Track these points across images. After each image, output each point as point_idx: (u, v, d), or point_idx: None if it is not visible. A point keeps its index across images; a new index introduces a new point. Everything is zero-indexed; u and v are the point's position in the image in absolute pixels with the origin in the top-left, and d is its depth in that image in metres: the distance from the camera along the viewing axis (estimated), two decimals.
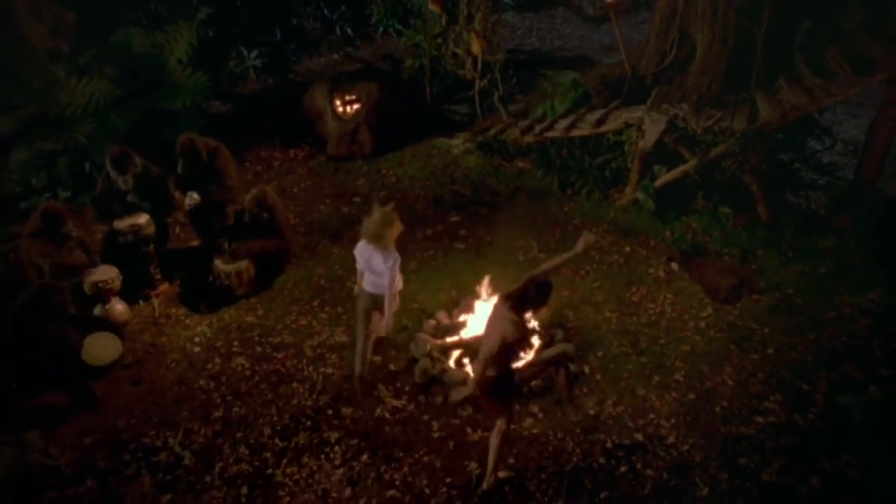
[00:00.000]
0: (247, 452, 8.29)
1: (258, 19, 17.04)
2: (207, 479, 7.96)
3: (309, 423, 8.69)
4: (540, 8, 20.57)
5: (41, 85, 12.43)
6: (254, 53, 16.55)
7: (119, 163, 10.25)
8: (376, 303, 8.78)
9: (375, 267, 8.54)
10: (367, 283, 8.75)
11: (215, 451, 8.30)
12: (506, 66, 15.57)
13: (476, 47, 14.91)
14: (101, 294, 9.79)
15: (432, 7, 15.54)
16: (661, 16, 14.39)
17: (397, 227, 8.56)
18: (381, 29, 18.39)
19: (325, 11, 18.14)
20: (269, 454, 8.27)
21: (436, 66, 15.71)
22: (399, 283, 8.90)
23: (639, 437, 8.55)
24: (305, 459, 8.20)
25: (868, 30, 12.06)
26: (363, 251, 8.62)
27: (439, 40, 15.70)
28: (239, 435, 8.50)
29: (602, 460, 8.25)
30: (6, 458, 7.70)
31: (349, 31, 18.27)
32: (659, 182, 12.46)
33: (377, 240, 8.41)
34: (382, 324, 8.85)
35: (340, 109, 14.61)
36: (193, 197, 10.71)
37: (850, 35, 12.32)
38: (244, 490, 7.84)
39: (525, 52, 18.71)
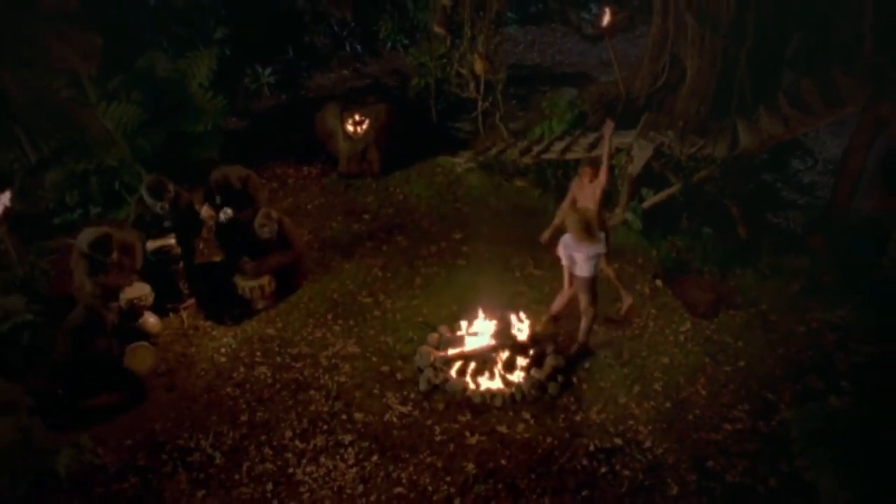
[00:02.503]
0: (270, 453, 9.46)
1: (271, 38, 18.09)
2: (236, 476, 9.13)
3: (325, 426, 9.87)
4: (542, 22, 21.30)
5: (74, 111, 13.51)
6: (268, 71, 17.68)
7: (155, 191, 11.45)
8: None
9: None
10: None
11: (242, 452, 9.49)
12: (508, 81, 16.48)
13: (479, 68, 15.83)
14: (136, 309, 11.00)
15: (437, 29, 16.59)
16: (654, 41, 15.40)
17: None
18: (389, 44, 19.43)
19: (335, 28, 19.18)
20: (290, 455, 9.45)
21: (440, 85, 16.63)
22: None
23: (618, 441, 9.69)
24: (322, 460, 9.37)
25: (841, 64, 13.16)
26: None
27: (444, 60, 16.58)
28: (263, 437, 9.67)
29: (585, 462, 9.38)
30: (65, 458, 8.93)
31: (358, 47, 19.27)
32: (646, 204, 13.49)
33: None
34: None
35: (350, 129, 15.52)
36: (227, 212, 11.90)
37: (825, 69, 13.42)
38: (269, 486, 9.00)
39: (527, 67, 19.56)
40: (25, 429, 8.47)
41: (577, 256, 10.14)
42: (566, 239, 10.14)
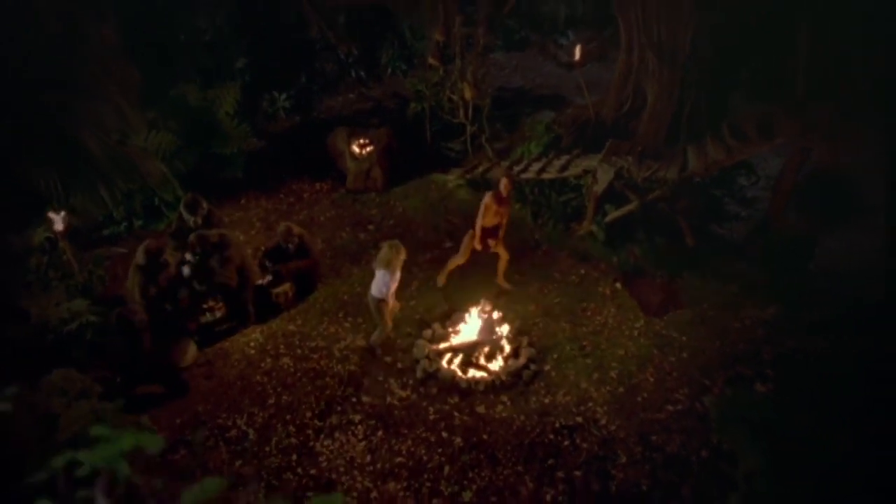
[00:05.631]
0: (294, 430, 10.74)
1: (286, 66, 19.18)
2: (266, 449, 10.42)
3: (339, 407, 11.13)
4: (525, 48, 22.18)
5: (139, 160, 14.70)
6: (283, 95, 18.84)
7: (191, 207, 12.78)
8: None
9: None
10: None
11: (271, 428, 10.77)
12: (493, 103, 17.56)
13: (468, 94, 16.92)
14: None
15: (432, 61, 17.85)
16: (619, 73, 16.58)
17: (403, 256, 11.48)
18: (389, 70, 20.51)
19: (342, 56, 20.24)
20: (310, 431, 10.73)
21: (434, 109, 17.63)
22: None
23: (579, 419, 10.94)
24: (337, 435, 10.63)
25: (783, 96, 14.27)
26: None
27: (437, 88, 17.62)
28: (287, 417, 10.95)
29: (552, 436, 10.64)
30: None
31: (362, 73, 20.27)
32: (609, 218, 14.57)
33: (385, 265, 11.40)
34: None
35: (357, 151, 16.63)
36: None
37: (770, 99, 14.56)
38: (293, 457, 10.30)
39: (511, 90, 20.46)
40: (99, 411, 9.62)
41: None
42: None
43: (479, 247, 12.92)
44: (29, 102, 12.94)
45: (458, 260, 13.11)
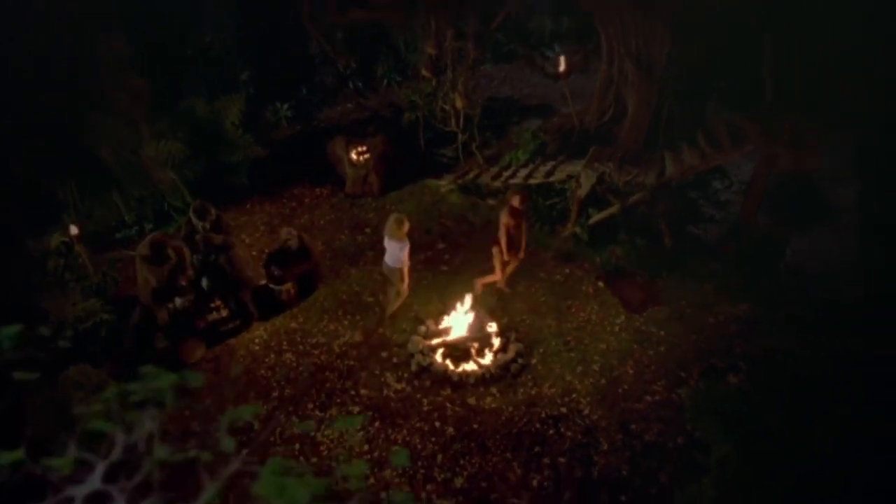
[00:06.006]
0: (297, 421, 10.91)
1: (288, 78, 19.29)
2: (272, 439, 10.53)
3: (338, 400, 11.27)
4: (514, 59, 22.17)
5: (151, 169, 14.78)
6: (285, 106, 18.95)
7: (200, 213, 12.87)
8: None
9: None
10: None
11: (275, 420, 10.94)
12: (483, 112, 17.64)
13: (459, 104, 17.02)
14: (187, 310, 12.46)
15: (425, 73, 17.94)
16: (601, 83, 16.73)
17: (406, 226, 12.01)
18: (385, 81, 20.63)
19: (340, 68, 20.35)
20: (311, 422, 10.90)
21: (428, 118, 17.74)
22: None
23: (564, 409, 11.09)
24: (337, 425, 10.89)
25: (745, 110, 14.44)
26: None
27: (430, 98, 17.77)
28: (290, 409, 11.08)
29: (538, 426, 10.80)
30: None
31: (359, 84, 20.39)
32: (592, 220, 14.69)
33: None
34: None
35: (355, 158, 16.70)
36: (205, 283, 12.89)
37: (734, 114, 14.70)
38: (297, 446, 10.40)
39: (500, 100, 20.54)
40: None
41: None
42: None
43: (507, 259, 13.02)
44: (47, 118, 13.01)
45: (492, 277, 13.20)
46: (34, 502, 3.28)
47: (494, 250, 12.94)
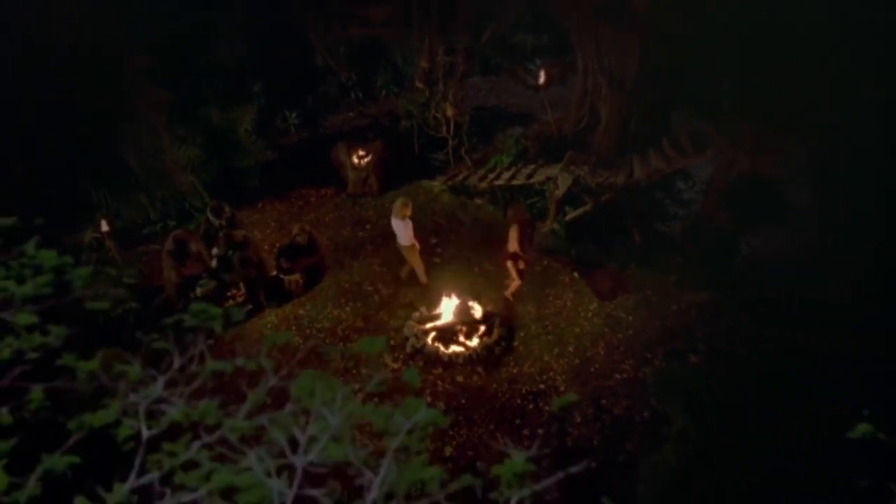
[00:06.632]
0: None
1: (296, 88, 19.46)
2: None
3: (341, 379, 11.49)
4: (499, 72, 22.30)
5: (174, 173, 15.02)
6: (293, 114, 19.10)
7: (216, 211, 13.11)
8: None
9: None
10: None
11: (285, 396, 11.19)
12: (471, 121, 17.76)
13: (450, 112, 17.22)
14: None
15: (419, 85, 18.16)
16: (577, 95, 17.00)
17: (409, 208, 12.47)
18: (384, 92, 20.75)
19: (343, 80, 20.50)
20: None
21: (422, 125, 17.91)
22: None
23: (542, 386, 11.35)
24: None
25: (706, 119, 14.70)
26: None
27: (424, 107, 17.93)
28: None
29: (519, 401, 11.07)
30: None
31: (360, 94, 20.49)
32: (568, 217, 14.93)
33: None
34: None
35: (356, 161, 16.84)
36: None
37: (696, 122, 14.96)
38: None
39: (487, 109, 20.52)
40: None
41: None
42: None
43: (523, 266, 12.88)
44: (81, 129, 13.23)
45: (515, 284, 13.03)
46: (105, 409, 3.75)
47: (509, 264, 12.77)
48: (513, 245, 12.45)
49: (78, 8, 13.40)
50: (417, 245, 13.09)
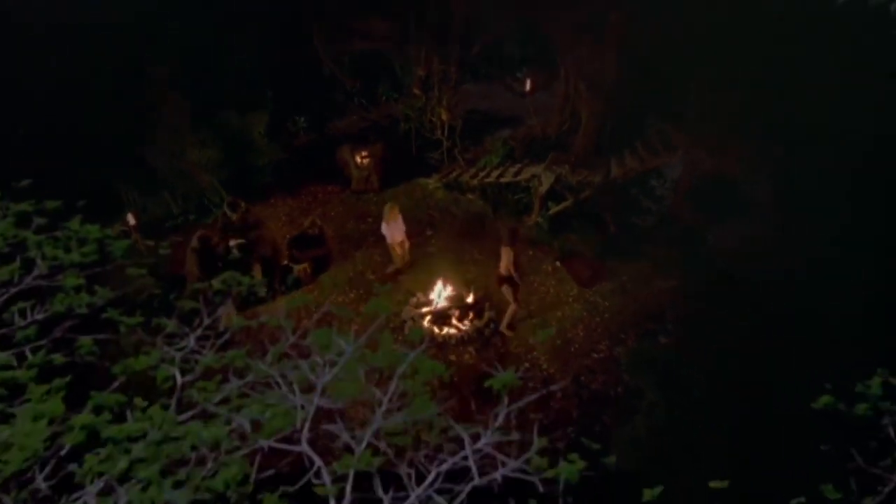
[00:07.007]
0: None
1: (305, 96, 19.43)
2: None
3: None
4: (490, 80, 22.44)
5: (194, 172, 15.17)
6: (302, 118, 19.11)
7: (232, 206, 13.24)
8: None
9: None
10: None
11: (303, 353, 11.26)
12: (464, 124, 17.78)
13: (444, 116, 17.31)
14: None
15: (416, 91, 18.26)
16: (559, 100, 17.16)
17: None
18: (384, 98, 20.74)
19: (347, 87, 20.48)
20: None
21: (419, 128, 17.93)
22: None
23: (527, 365, 11.51)
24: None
25: (675, 123, 14.83)
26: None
27: (420, 111, 17.95)
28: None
29: None
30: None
31: (363, 101, 20.48)
32: (551, 212, 15.02)
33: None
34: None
35: (359, 161, 16.94)
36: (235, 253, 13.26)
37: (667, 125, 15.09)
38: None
39: (479, 113, 19.91)
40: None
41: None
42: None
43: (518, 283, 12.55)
44: (111, 133, 13.37)
45: (512, 309, 12.44)
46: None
47: (504, 289, 12.38)
48: (506, 267, 12.17)
49: (107, 29, 13.54)
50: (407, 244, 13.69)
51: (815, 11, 11.86)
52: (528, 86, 17.49)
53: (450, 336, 12.11)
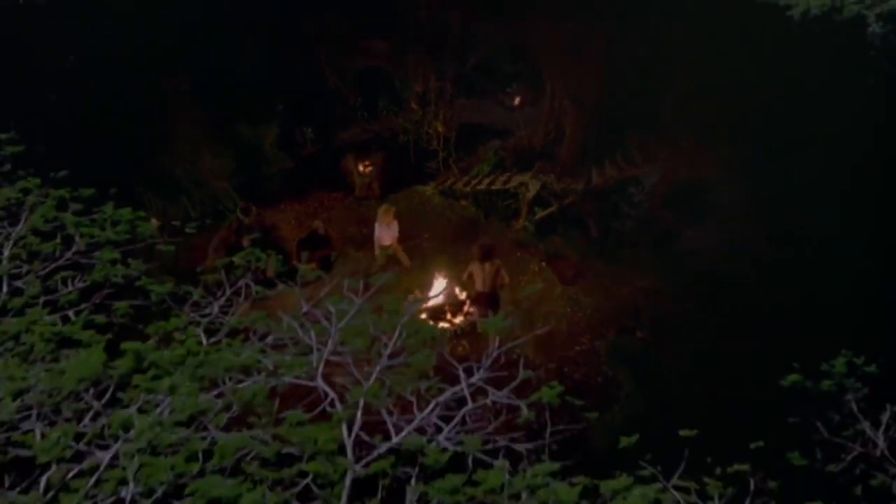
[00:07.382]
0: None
1: (311, 109, 19.39)
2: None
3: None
4: (482, 95, 22.30)
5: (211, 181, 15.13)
6: (309, 129, 19.03)
7: (245, 211, 13.18)
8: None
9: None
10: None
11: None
12: (458, 136, 17.82)
13: (440, 128, 17.37)
14: None
15: (414, 105, 18.20)
16: (546, 113, 17.09)
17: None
18: (385, 111, 20.65)
19: (350, 101, 20.40)
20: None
21: (417, 139, 17.94)
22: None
23: (515, 356, 11.45)
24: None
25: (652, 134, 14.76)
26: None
27: (418, 124, 17.98)
28: None
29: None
30: None
31: (365, 114, 20.39)
32: (537, 216, 14.93)
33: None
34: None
35: (362, 170, 16.88)
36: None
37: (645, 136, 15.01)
38: None
39: (472, 125, 19.67)
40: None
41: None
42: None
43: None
44: (133, 142, 13.33)
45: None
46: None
47: (480, 308, 12.27)
48: (484, 284, 11.93)
49: (125, 44, 13.50)
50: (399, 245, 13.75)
51: (788, 24, 11.70)
52: (517, 100, 17.47)
53: (444, 329, 12.05)
